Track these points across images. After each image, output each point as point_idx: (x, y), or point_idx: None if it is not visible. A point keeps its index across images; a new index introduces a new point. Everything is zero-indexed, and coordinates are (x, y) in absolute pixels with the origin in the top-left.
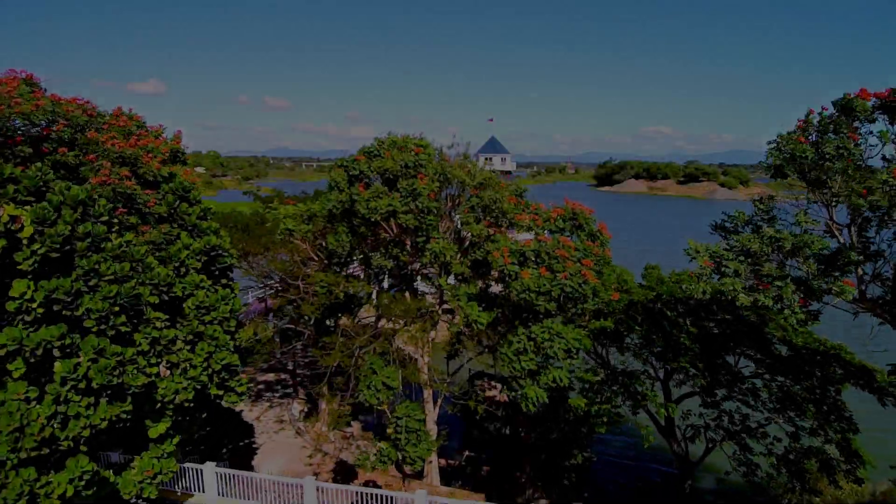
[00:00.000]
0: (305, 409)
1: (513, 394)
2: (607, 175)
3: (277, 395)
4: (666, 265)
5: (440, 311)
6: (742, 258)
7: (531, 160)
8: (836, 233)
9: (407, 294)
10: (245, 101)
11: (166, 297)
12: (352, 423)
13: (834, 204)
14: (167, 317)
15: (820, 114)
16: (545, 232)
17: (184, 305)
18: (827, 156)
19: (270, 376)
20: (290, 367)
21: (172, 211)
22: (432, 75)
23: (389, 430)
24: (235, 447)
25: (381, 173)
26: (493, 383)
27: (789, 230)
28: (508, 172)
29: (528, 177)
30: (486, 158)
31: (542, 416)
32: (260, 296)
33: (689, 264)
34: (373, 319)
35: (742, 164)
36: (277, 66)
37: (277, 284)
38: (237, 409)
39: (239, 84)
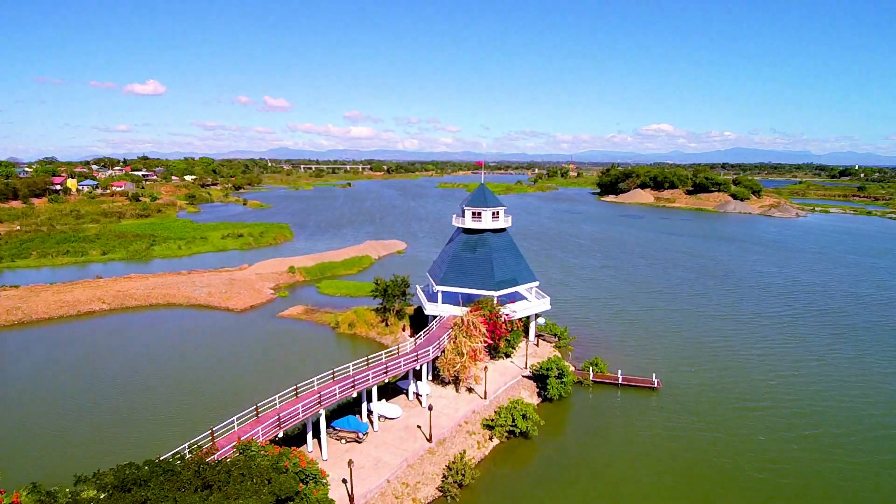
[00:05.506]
0: None
1: None
2: (612, 183)
3: None
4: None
5: None
6: None
7: (533, 160)
8: None
9: None
10: (245, 101)
11: None
12: None
13: None
14: None
15: None
16: None
17: None
18: None
19: None
20: None
21: None
22: (432, 75)
23: None
24: None
25: None
26: None
27: None
28: (503, 230)
29: (529, 181)
30: (474, 213)
31: None
32: None
33: None
34: None
35: (745, 162)
36: (277, 66)
37: None
38: None
39: (239, 84)
